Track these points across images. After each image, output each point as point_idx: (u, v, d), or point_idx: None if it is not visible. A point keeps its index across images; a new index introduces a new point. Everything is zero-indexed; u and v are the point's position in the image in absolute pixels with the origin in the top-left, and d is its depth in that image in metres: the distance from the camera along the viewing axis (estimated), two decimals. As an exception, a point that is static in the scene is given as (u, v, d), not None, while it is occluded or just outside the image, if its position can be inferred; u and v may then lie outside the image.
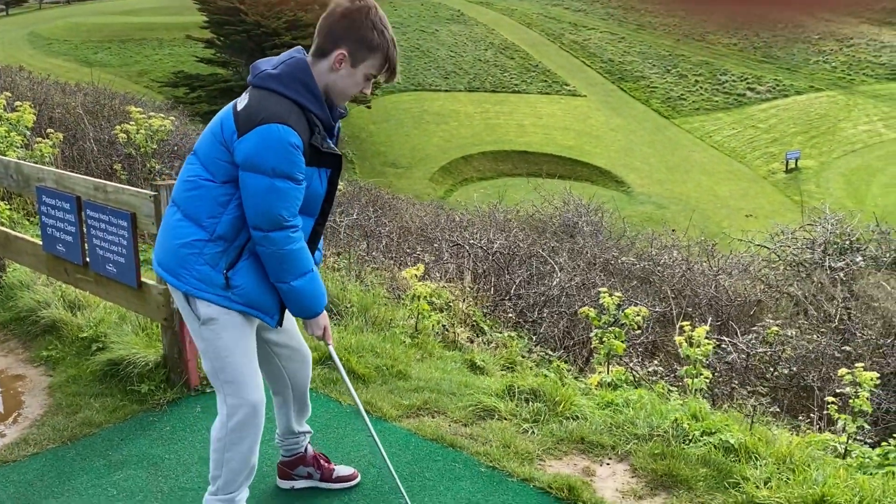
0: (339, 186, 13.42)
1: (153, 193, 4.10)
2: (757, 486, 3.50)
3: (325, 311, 3.00)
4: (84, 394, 4.45)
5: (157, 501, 3.49)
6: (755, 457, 3.82)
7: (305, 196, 2.80)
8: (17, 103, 8.89)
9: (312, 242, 2.96)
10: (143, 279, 4.34)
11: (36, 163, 6.88)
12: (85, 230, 4.58)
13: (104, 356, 4.67)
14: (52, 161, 8.25)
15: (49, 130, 8.92)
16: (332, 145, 2.86)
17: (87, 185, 4.54)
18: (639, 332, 6.93)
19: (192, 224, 2.80)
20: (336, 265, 6.99)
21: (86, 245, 4.62)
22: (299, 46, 2.88)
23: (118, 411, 4.26)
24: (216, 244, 2.79)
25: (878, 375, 6.20)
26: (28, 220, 7.35)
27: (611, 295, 5.65)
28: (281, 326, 3.04)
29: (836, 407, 4.58)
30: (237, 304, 2.84)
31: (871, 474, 3.91)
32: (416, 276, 5.66)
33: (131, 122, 9.60)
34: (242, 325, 2.90)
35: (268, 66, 2.79)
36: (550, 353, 6.39)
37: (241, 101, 2.77)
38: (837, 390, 4.71)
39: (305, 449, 3.49)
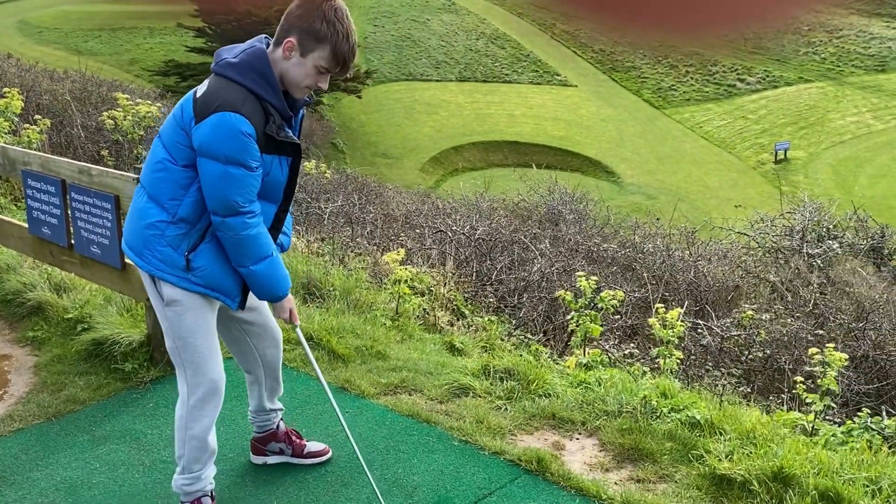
0: (326, 175, 13.41)
1: (136, 177, 4.19)
2: (719, 459, 3.63)
3: (290, 295, 3.07)
4: (69, 372, 4.55)
5: (138, 474, 3.60)
6: (720, 432, 3.95)
7: (267, 183, 2.86)
8: (5, 90, 8.95)
9: (276, 228, 3.03)
10: (126, 261, 4.43)
11: (23, 148, 6.96)
12: (70, 213, 4.67)
13: (89, 336, 4.77)
14: (40, 147, 8.32)
15: (37, 117, 8.99)
16: (291, 134, 2.90)
17: (72, 168, 4.62)
18: (617, 316, 7.07)
19: (155, 206, 2.86)
20: (320, 251, 7.09)
21: (71, 227, 4.72)
22: (262, 35, 2.94)
23: (102, 389, 4.36)
24: (178, 226, 2.85)
25: (849, 357, 6.36)
26: (15, 204, 7.43)
27: (587, 279, 5.77)
28: (242, 309, 3.10)
29: (804, 387, 4.71)
30: (197, 286, 2.90)
31: (834, 450, 4.04)
32: (396, 260, 5.77)
33: (118, 109, 9.67)
34: (205, 306, 2.97)
35: (229, 55, 2.84)
36: (530, 336, 6.51)
37: (201, 88, 2.82)
38: (807, 369, 4.84)
39: (277, 426, 3.59)
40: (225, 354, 4.51)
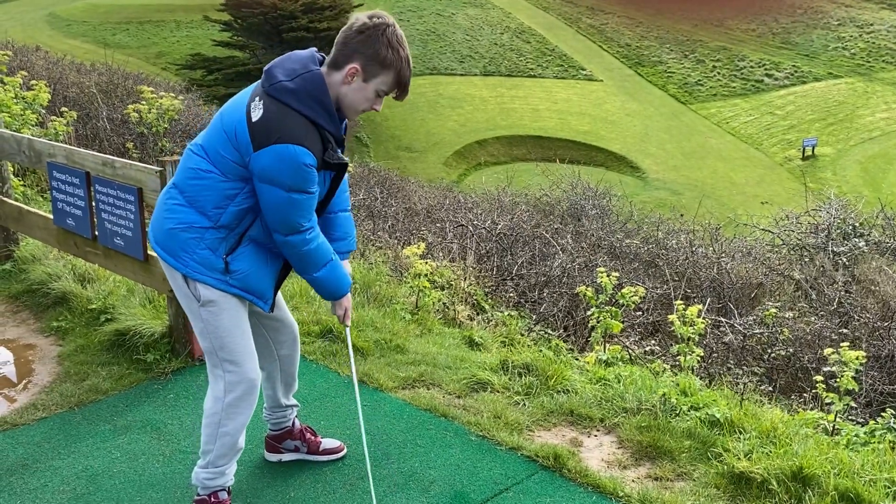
0: (348, 169, 13.49)
1: (159, 169, 4.24)
2: (738, 458, 3.60)
3: (348, 293, 3.15)
4: (92, 362, 4.61)
5: (158, 464, 3.63)
6: (740, 431, 3.92)
7: None
8: (33, 82, 9.05)
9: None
10: (149, 252, 4.48)
11: (50, 140, 7.04)
12: (94, 205, 4.72)
13: (112, 327, 4.82)
14: (66, 139, 8.42)
15: (63, 109, 9.09)
16: (341, 155, 2.95)
17: (96, 160, 4.67)
18: (639, 313, 7.03)
19: (195, 211, 2.88)
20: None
21: (95, 219, 4.77)
22: (315, 54, 2.90)
23: (124, 379, 4.41)
24: (218, 231, 2.89)
25: (873, 356, 6.28)
26: (41, 196, 7.52)
27: (608, 275, 5.74)
28: (272, 312, 3.16)
29: (823, 386, 4.66)
30: (234, 287, 2.95)
31: (856, 451, 4.00)
32: (416, 254, 5.77)
33: (143, 102, 9.75)
34: (239, 305, 3.02)
35: (283, 76, 2.79)
36: (550, 332, 6.50)
37: (256, 111, 2.77)
38: (826, 369, 4.79)
39: (293, 423, 3.60)
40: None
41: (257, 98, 2.82)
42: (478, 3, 61.43)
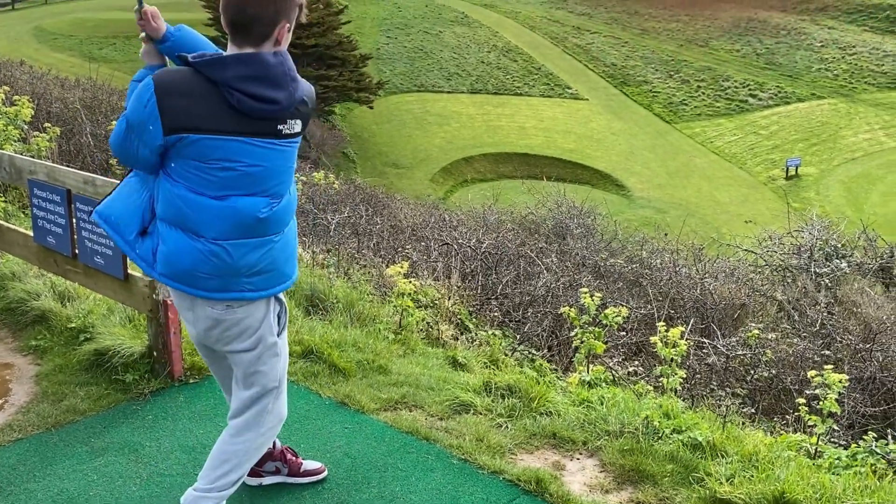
0: (334, 185, 13.23)
1: (140, 187, 4.19)
2: (720, 482, 3.59)
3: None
4: (70, 382, 4.54)
5: (135, 486, 3.58)
6: (722, 454, 3.91)
7: None
8: (16, 97, 8.98)
9: None
10: (129, 271, 4.44)
11: (32, 157, 6.99)
12: (75, 223, 4.68)
13: (91, 346, 4.76)
14: (49, 155, 8.35)
15: (46, 125, 9.01)
16: None
17: (77, 178, 4.63)
18: (623, 333, 7.03)
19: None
20: (325, 262, 7.08)
21: (75, 237, 4.72)
22: (218, 53, 2.82)
23: (102, 400, 4.35)
24: None
25: (855, 378, 6.30)
26: (23, 212, 7.44)
27: (592, 295, 5.74)
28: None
29: (806, 409, 4.66)
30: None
31: (838, 474, 4.00)
32: (400, 272, 5.75)
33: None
34: None
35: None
36: (534, 352, 6.48)
37: None
38: (808, 392, 4.80)
39: (273, 444, 3.54)
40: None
41: None
42: (465, 22, 61.79)
